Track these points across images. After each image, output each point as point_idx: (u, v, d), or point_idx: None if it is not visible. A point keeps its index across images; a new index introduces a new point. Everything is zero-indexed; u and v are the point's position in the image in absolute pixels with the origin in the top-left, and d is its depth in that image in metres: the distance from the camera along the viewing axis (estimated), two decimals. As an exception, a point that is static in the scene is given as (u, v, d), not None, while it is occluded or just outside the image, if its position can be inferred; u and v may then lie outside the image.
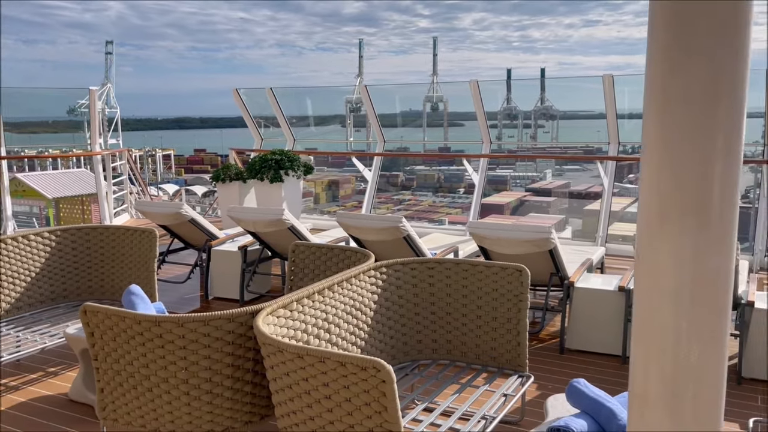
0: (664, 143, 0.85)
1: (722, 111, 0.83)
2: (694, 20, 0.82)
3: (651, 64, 0.86)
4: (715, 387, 0.91)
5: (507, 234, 4.02)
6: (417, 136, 38.40)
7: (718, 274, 0.87)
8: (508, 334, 3.09)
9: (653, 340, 0.90)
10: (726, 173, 0.84)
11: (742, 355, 3.57)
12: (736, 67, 0.82)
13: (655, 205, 0.88)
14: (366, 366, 1.92)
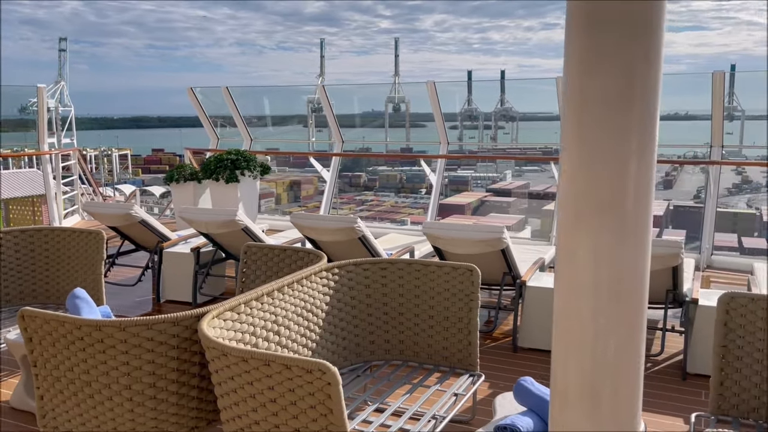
0: (581, 143, 0.87)
1: (636, 112, 0.85)
2: (609, 24, 0.84)
3: (569, 66, 0.87)
4: (633, 382, 0.93)
5: (460, 234, 4.05)
6: (379, 136, 38.50)
7: (635, 271, 0.88)
8: (459, 333, 3.11)
9: (572, 336, 0.91)
10: (640, 172, 0.86)
11: (686, 352, 3.67)
12: (649, 70, 0.84)
13: (573, 203, 0.89)
14: (311, 368, 1.90)
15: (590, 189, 0.87)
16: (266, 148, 9.47)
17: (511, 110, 43.62)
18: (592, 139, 0.86)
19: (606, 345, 0.89)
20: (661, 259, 3.58)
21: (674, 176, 34.32)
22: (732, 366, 2.51)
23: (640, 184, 0.86)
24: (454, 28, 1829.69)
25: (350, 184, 36.56)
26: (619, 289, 0.89)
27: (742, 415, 2.45)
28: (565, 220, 0.91)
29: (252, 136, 8.63)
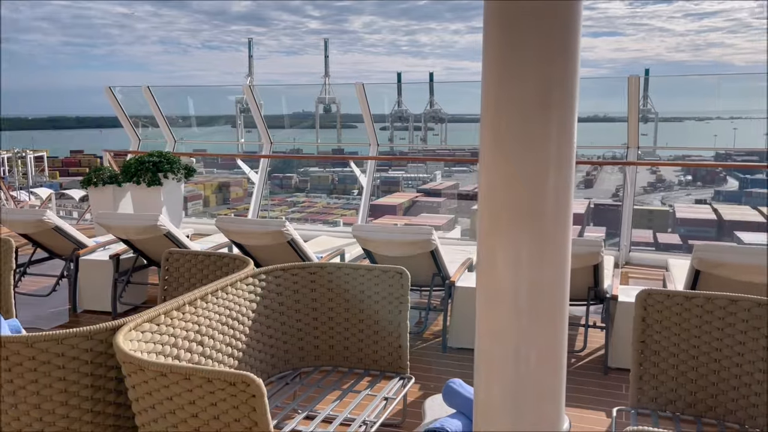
0: (500, 151, 0.85)
1: (554, 119, 0.84)
2: (525, 31, 0.82)
3: (486, 73, 0.86)
4: (555, 388, 0.92)
5: (389, 236, 4.04)
6: (310, 137, 38.18)
7: (554, 280, 0.88)
8: (389, 336, 3.10)
9: (494, 347, 0.89)
10: (559, 180, 0.85)
11: (608, 347, 3.80)
12: (566, 77, 0.83)
13: (493, 213, 0.87)
14: (235, 381, 1.83)
15: (509, 197, 0.86)
16: (192, 149, 9.19)
17: (440, 112, 44.26)
18: (509, 146, 0.85)
19: (528, 355, 0.88)
20: (582, 258, 3.69)
21: (594, 176, 35.75)
22: (650, 360, 2.60)
23: (559, 191, 0.85)
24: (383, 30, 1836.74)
25: (281, 186, 36.06)
26: (540, 299, 0.88)
27: (660, 407, 2.54)
28: (485, 231, 0.90)
29: (176, 138, 8.35)
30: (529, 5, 0.80)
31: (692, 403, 2.52)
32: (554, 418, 0.98)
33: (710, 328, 2.53)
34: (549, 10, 0.81)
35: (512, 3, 0.81)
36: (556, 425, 0.99)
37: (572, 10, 0.82)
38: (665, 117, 26.70)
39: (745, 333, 2.46)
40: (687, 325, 2.56)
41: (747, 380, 2.43)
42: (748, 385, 2.42)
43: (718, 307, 2.52)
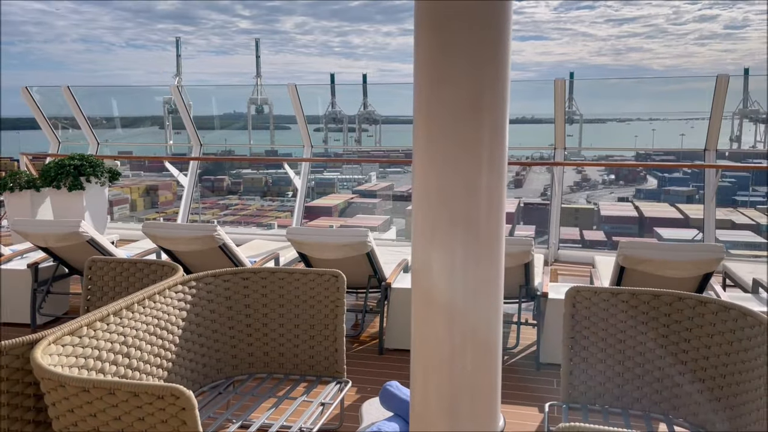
0: (433, 155, 0.84)
1: (486, 124, 0.84)
2: (456, 35, 0.82)
3: (418, 77, 0.85)
4: (491, 392, 0.92)
5: (324, 239, 4.01)
6: (242, 138, 37.45)
7: (488, 284, 0.88)
8: (326, 341, 3.06)
9: (430, 354, 0.89)
10: (492, 185, 0.85)
11: (539, 343, 3.89)
12: (497, 80, 0.83)
13: (426, 218, 0.86)
14: (163, 394, 1.75)
15: (443, 201, 0.85)
16: (117, 151, 8.85)
17: (374, 113, 44.36)
18: (442, 150, 0.84)
19: (464, 358, 0.88)
20: (514, 257, 3.77)
21: (524, 176, 36.72)
22: (579, 356, 2.67)
23: (492, 193, 0.85)
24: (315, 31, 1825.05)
25: (212, 188, 35.20)
26: (475, 301, 0.88)
27: (590, 401, 2.62)
28: (420, 237, 0.89)
29: (99, 140, 8.00)
30: (459, 9, 0.80)
31: (619, 396, 2.61)
32: (490, 418, 0.99)
33: (635, 322, 2.62)
34: (479, 13, 0.80)
35: (442, 6, 0.80)
36: (491, 425, 0.99)
37: (502, 14, 0.82)
38: (589, 118, 27.72)
39: (667, 327, 2.57)
40: (613, 320, 2.65)
41: (669, 372, 2.53)
42: (671, 376, 2.53)
43: (642, 302, 2.62)
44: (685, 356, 2.51)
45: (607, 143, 33.95)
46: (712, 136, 6.03)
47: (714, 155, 6.06)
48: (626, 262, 3.67)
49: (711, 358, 2.44)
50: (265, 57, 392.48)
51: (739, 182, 26.32)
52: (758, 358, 2.21)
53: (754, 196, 26.51)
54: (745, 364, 2.28)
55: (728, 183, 25.59)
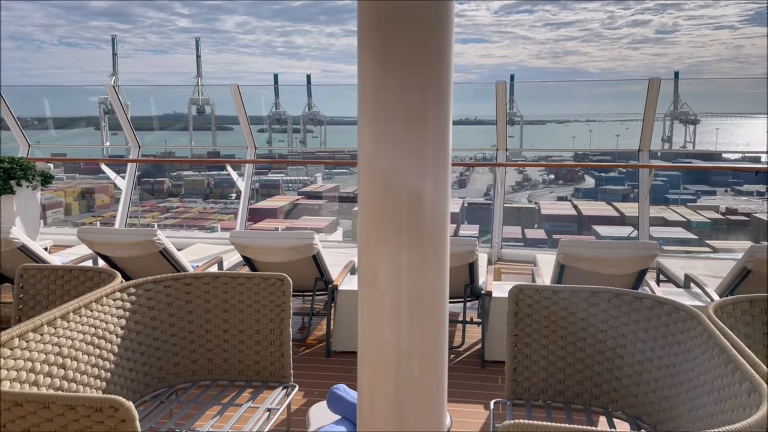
0: (377, 159, 0.84)
1: (431, 127, 0.84)
2: (400, 37, 0.82)
3: (362, 79, 0.84)
4: (437, 393, 0.93)
5: (269, 242, 3.96)
6: (183, 140, 36.63)
7: (434, 290, 0.88)
8: (271, 345, 3.02)
9: (377, 361, 0.89)
10: (437, 187, 0.86)
11: (484, 341, 3.96)
12: (441, 83, 0.84)
13: (372, 224, 0.86)
14: (101, 406, 1.69)
15: (389, 205, 0.85)
16: (50, 153, 8.49)
17: (319, 114, 44.13)
18: (387, 154, 0.84)
19: (410, 361, 0.88)
20: (459, 257, 3.82)
21: (467, 176, 37.30)
22: (523, 353, 2.73)
23: (437, 199, 0.85)
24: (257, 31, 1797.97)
25: (152, 191, 34.23)
26: (421, 310, 0.88)
27: (533, 397, 2.68)
28: (366, 242, 0.88)
29: (31, 142, 7.66)
30: (402, 9, 0.80)
31: (562, 391, 2.68)
32: (437, 419, 0.99)
33: (575, 319, 2.70)
34: (422, 14, 0.81)
35: (385, 7, 0.80)
36: (438, 426, 1.00)
37: (445, 15, 0.83)
38: (529, 120, 28.38)
39: (606, 322, 2.65)
40: (555, 317, 2.72)
41: (609, 366, 2.62)
42: (610, 370, 2.61)
43: (582, 299, 2.70)
44: (623, 350, 2.60)
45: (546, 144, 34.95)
46: (645, 137, 6.28)
47: (647, 155, 6.30)
48: (566, 260, 3.78)
49: (647, 351, 2.53)
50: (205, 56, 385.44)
51: (670, 181, 27.47)
52: (691, 350, 2.31)
53: (684, 194, 27.73)
54: (678, 357, 2.38)
55: (660, 182, 26.68)
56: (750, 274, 3.70)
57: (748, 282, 3.76)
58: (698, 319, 2.30)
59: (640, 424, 2.47)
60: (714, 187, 29.22)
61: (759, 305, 2.55)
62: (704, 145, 29.70)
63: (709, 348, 2.15)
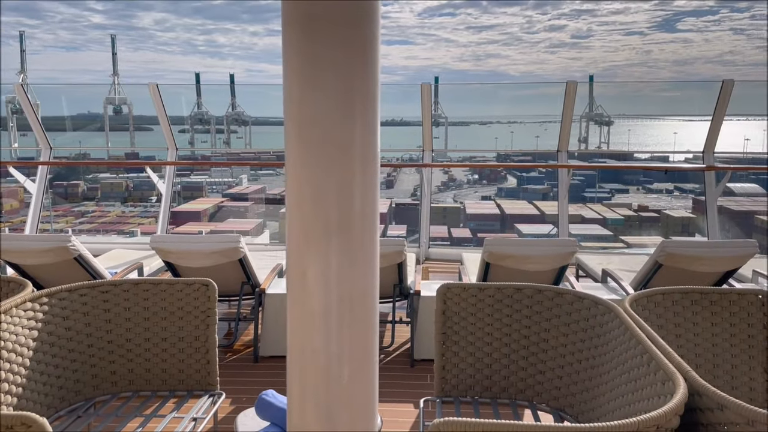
0: (305, 161, 0.83)
1: (358, 127, 0.84)
2: (325, 37, 0.80)
3: (287, 78, 0.83)
4: (368, 395, 0.92)
5: (192, 246, 3.84)
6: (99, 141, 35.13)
7: (364, 293, 0.87)
8: (196, 353, 2.93)
9: (306, 365, 0.87)
10: (366, 188, 0.85)
11: (413, 340, 3.99)
12: (368, 84, 0.83)
13: (300, 227, 0.85)
14: (12, 423, 1.59)
15: (317, 211, 0.83)
16: (-49, 155, 7.90)
17: (243, 114, 43.30)
18: (315, 156, 0.82)
19: (340, 370, 0.87)
20: (388, 257, 3.83)
21: (395, 177, 37.64)
22: (451, 350, 2.77)
23: (366, 200, 0.85)
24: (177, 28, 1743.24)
25: (66, 195, 32.58)
26: (349, 314, 0.87)
27: (461, 394, 2.72)
28: (294, 245, 0.86)
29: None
30: (327, 8, 0.78)
31: (489, 387, 2.74)
32: (368, 423, 0.99)
33: (501, 315, 2.77)
34: (348, 13, 0.80)
35: (310, 5, 0.78)
36: (369, 427, 0.99)
37: (370, 14, 0.82)
38: (454, 121, 28.96)
39: (529, 318, 2.73)
40: (481, 314, 2.78)
41: (533, 360, 2.70)
42: (534, 365, 2.69)
43: (506, 296, 2.77)
44: (545, 345, 2.69)
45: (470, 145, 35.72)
46: (563, 138, 6.52)
47: (566, 156, 6.55)
48: (491, 258, 3.86)
49: (568, 345, 2.62)
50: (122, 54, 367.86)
51: (587, 180, 28.69)
52: (609, 342, 2.41)
53: (600, 192, 29.04)
54: (598, 349, 2.47)
55: (578, 181, 27.82)
56: (662, 268, 3.91)
57: (660, 275, 3.97)
58: (615, 312, 2.40)
59: (563, 416, 2.55)
60: (627, 186, 30.80)
61: (671, 297, 2.70)
62: (618, 145, 31.27)
63: (626, 340, 2.25)
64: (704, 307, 2.70)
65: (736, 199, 24.43)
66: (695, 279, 3.91)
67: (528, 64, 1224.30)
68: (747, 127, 21.98)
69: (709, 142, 6.30)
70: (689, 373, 1.83)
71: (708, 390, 1.72)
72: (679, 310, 2.69)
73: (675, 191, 29.20)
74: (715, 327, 2.70)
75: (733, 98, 6.23)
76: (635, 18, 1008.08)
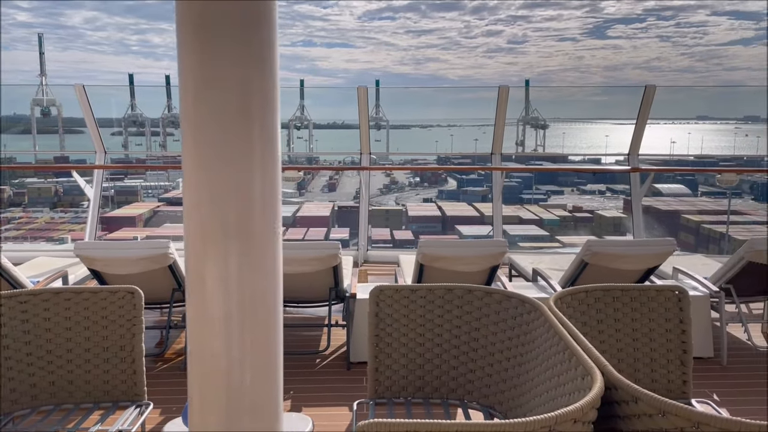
0: (201, 164, 0.81)
1: (256, 129, 0.83)
2: (220, 38, 0.79)
3: (182, 81, 0.81)
4: (271, 409, 0.91)
5: (119, 253, 3.71)
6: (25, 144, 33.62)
7: (266, 294, 0.86)
8: (122, 363, 2.83)
9: (207, 371, 0.85)
10: (266, 191, 0.84)
11: (349, 343, 3.99)
12: (266, 85, 0.82)
13: (198, 230, 0.83)
14: None
15: (215, 214, 0.82)
16: None
17: (179, 116, 42.11)
18: (212, 159, 0.81)
19: (242, 375, 0.85)
20: (322, 261, 3.82)
21: (337, 180, 37.55)
22: (384, 352, 2.78)
23: (266, 204, 0.83)
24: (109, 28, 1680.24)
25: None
26: (251, 318, 0.86)
27: (395, 395, 2.74)
28: (192, 249, 0.84)
29: None
30: (221, 12, 0.77)
31: (421, 387, 2.76)
32: (271, 425, 0.97)
33: (432, 316, 2.80)
34: (243, 17, 0.78)
35: (205, 8, 0.77)
36: (273, 429, 0.97)
37: (266, 17, 0.81)
38: (395, 124, 29.15)
39: (460, 318, 2.77)
40: (414, 315, 2.80)
41: (464, 359, 2.74)
42: (465, 363, 2.73)
43: (438, 296, 2.80)
44: (476, 344, 2.73)
45: (412, 148, 36.00)
46: (497, 141, 6.66)
47: (499, 158, 6.69)
48: (425, 259, 3.90)
49: (497, 343, 2.68)
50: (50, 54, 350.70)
51: (524, 182, 29.39)
52: (535, 340, 2.47)
53: (537, 194, 29.81)
54: (525, 347, 2.54)
55: (515, 183, 28.45)
56: (588, 267, 4.05)
57: (587, 273, 4.11)
58: (541, 310, 2.46)
59: (493, 413, 2.60)
60: (562, 187, 31.75)
61: (593, 295, 2.79)
62: (553, 148, 32.20)
63: (550, 337, 2.32)
64: (625, 304, 2.81)
65: (664, 200, 25.57)
66: (619, 276, 4.07)
67: (466, 69, 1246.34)
68: (673, 130, 23.02)
69: (633, 145, 6.56)
70: (606, 368, 1.90)
71: (623, 383, 1.79)
72: (602, 307, 2.79)
73: (607, 192, 30.31)
74: (635, 322, 2.81)
75: (660, 103, 6.52)
76: (568, 24, 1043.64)
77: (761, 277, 4.12)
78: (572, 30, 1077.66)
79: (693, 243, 21.96)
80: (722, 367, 4.03)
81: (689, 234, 22.31)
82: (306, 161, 21.77)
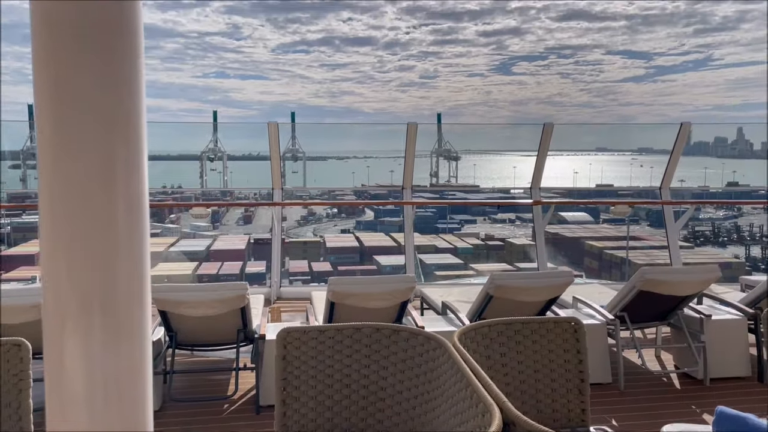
0: (57, 231, 0.77)
1: (121, 190, 0.78)
2: (75, 64, 0.75)
3: (39, 113, 0.77)
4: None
5: (9, 301, 3.47)
6: None
7: (133, 370, 0.82)
8: (8, 420, 2.63)
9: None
10: (132, 259, 0.80)
11: (258, 386, 3.89)
12: (130, 118, 0.77)
13: (56, 303, 0.78)
14: None
15: (73, 287, 0.78)
16: None
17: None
18: (68, 226, 0.77)
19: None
20: (228, 302, 3.73)
21: (253, 212, 36.84)
22: (292, 395, 2.73)
23: (132, 268, 0.80)
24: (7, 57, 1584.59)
25: None
26: (117, 396, 0.82)
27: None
28: (50, 326, 0.80)
29: None
30: (77, 37, 0.74)
31: (330, 429, 2.73)
32: None
33: (341, 356, 2.79)
34: (102, 42, 0.75)
35: (60, 31, 0.73)
36: None
37: (129, 43, 0.78)
38: (312, 156, 29.07)
39: (369, 357, 2.78)
40: (322, 356, 2.78)
41: (372, 399, 2.74)
42: (374, 403, 2.73)
43: (346, 336, 2.79)
44: (384, 383, 2.74)
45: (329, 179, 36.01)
46: (407, 176, 6.80)
47: (410, 192, 6.83)
48: (335, 297, 3.89)
49: (405, 381, 2.70)
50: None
51: (439, 212, 30.00)
52: (440, 377, 2.51)
53: (451, 224, 30.50)
54: (432, 383, 2.57)
55: (430, 213, 29.02)
56: (492, 299, 4.17)
57: (492, 306, 4.22)
58: (445, 347, 2.51)
59: (402, 453, 2.60)
60: (475, 216, 32.66)
61: (496, 329, 2.88)
62: (465, 178, 33.16)
63: (454, 374, 2.36)
64: (526, 336, 2.91)
65: (569, 227, 26.81)
66: (523, 307, 4.21)
67: (381, 102, 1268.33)
68: (575, 161, 24.32)
69: (535, 179, 6.88)
70: (505, 404, 1.95)
71: (520, 419, 1.85)
72: (504, 341, 2.88)
73: (516, 221, 31.44)
74: (536, 354, 2.91)
75: (562, 135, 6.90)
76: (476, 61, 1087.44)
77: (652, 303, 4.39)
78: (480, 66, 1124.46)
79: (597, 268, 23.08)
80: (620, 392, 4.23)
81: (593, 260, 23.43)
82: (220, 194, 21.30)
